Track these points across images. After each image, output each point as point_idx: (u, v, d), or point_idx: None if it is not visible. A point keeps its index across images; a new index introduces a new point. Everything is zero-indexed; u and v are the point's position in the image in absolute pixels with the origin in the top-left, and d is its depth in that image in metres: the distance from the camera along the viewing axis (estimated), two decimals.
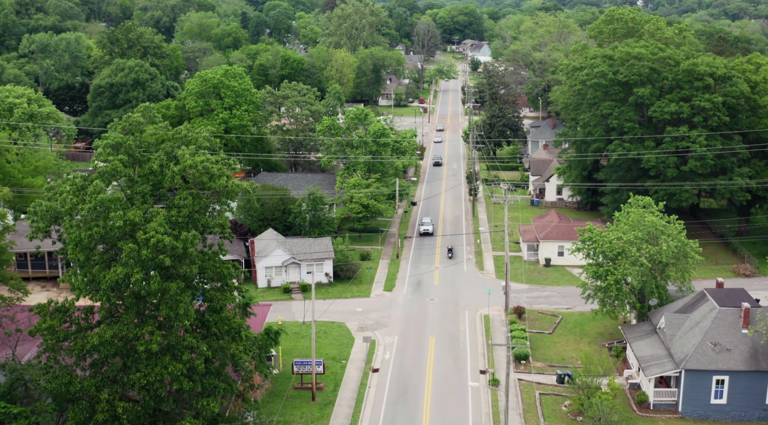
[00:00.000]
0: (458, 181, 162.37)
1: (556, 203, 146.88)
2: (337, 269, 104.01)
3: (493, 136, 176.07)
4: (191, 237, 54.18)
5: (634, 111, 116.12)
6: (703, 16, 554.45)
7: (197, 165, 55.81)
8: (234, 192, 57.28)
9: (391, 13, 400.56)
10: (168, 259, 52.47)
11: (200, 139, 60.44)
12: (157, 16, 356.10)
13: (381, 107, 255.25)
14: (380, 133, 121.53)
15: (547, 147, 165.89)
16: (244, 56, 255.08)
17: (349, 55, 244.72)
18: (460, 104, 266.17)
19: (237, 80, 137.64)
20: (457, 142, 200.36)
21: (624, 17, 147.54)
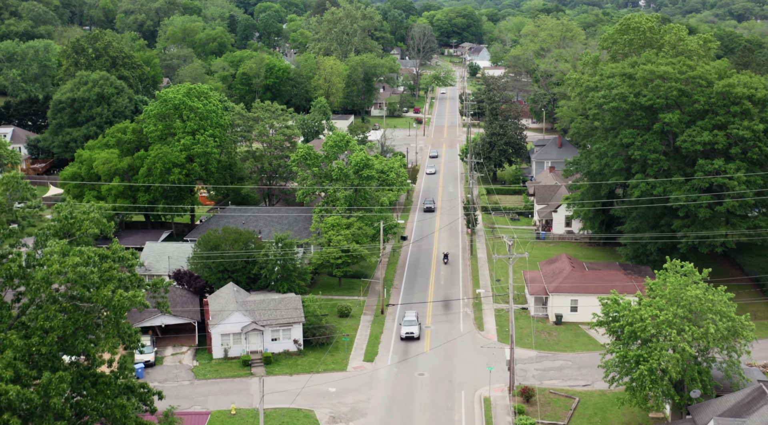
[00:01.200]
0: (455, 208, 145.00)
1: (564, 237, 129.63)
2: (309, 334, 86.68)
3: (493, 156, 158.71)
4: (57, 381, 36.66)
5: (660, 140, 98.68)
6: (708, 17, 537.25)
7: (70, 270, 38.23)
8: (124, 307, 39.68)
9: (386, 16, 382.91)
10: (16, 421, 34.98)
11: (86, 224, 42.66)
12: (141, 20, 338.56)
13: (373, 118, 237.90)
14: (363, 164, 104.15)
15: (553, 169, 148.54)
16: (226, 64, 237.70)
17: (338, 64, 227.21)
18: (458, 114, 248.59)
19: (202, 100, 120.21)
20: (454, 160, 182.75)
21: (641, 26, 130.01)
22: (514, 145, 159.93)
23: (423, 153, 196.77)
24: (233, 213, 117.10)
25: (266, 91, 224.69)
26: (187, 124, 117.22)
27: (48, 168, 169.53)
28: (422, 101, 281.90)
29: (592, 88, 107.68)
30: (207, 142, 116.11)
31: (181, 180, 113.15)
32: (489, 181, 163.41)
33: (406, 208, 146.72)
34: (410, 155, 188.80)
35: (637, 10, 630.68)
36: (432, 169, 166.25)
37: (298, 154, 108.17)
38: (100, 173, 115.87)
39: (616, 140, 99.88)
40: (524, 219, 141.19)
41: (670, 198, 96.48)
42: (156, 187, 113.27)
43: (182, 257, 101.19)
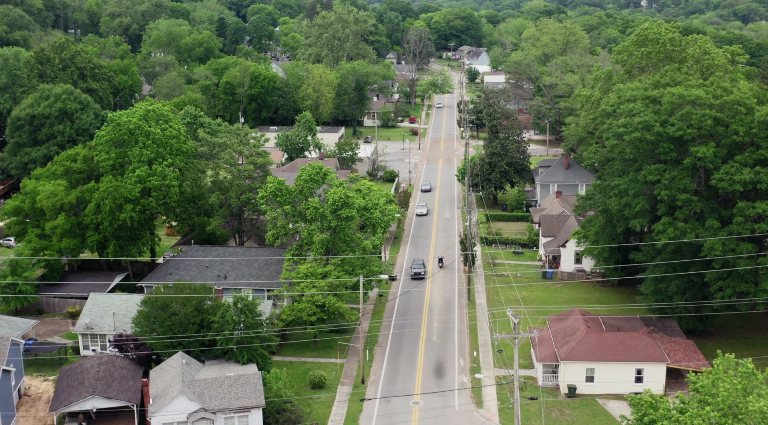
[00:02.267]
0: (450, 239, 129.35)
1: (574, 275, 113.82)
2: (271, 419, 70.99)
3: (493, 178, 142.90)
4: None
5: (691, 177, 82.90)
6: (712, 18, 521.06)
7: None
8: None
9: (381, 18, 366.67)
10: None
11: None
12: (126, 23, 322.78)
13: (365, 129, 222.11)
14: (342, 202, 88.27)
15: (560, 194, 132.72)
16: (209, 72, 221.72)
17: (328, 72, 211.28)
18: (456, 125, 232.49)
19: (161, 124, 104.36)
20: (450, 180, 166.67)
21: (660, 38, 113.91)
22: (516, 166, 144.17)
23: (418, 169, 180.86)
24: (195, 255, 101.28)
25: (251, 101, 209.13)
26: (143, 152, 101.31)
27: (6, 191, 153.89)
28: (418, 109, 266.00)
29: (609, 113, 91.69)
30: (165, 174, 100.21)
31: (134, 218, 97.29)
32: (488, 204, 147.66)
33: (396, 237, 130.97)
34: (404, 171, 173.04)
35: (639, 11, 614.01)
36: (424, 209, 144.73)
37: (267, 190, 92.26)
38: (44, 208, 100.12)
39: (639, 176, 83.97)
40: (528, 252, 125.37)
41: (703, 246, 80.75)
42: (105, 226, 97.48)
43: (130, 312, 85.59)
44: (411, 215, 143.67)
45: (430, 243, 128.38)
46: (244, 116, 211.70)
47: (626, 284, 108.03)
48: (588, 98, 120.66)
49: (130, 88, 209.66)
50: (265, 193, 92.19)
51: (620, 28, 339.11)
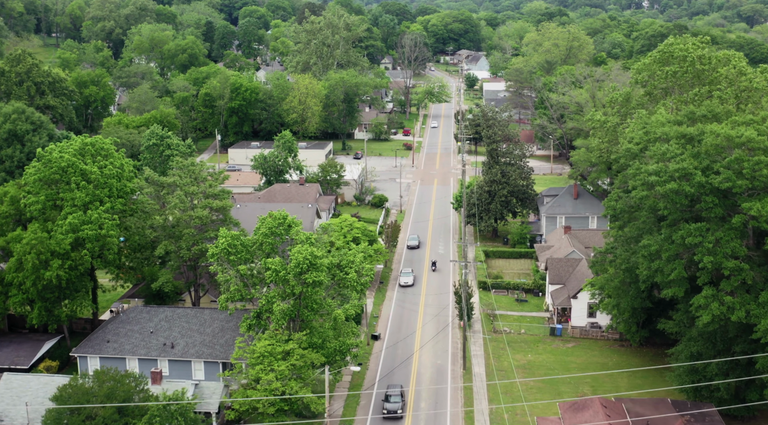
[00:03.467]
0: (445, 283, 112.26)
1: (587, 332, 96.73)
2: None
3: (493, 209, 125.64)
4: None
5: (741, 240, 65.63)
6: (716, 20, 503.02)
7: None
8: None
9: (377, 21, 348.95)
10: None
11: None
12: (109, 28, 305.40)
13: (356, 143, 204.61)
14: (308, 264, 70.96)
15: (569, 230, 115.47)
16: (188, 84, 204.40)
17: (314, 83, 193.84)
18: (453, 138, 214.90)
19: (99, 161, 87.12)
20: (445, 207, 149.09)
21: (688, 56, 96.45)
22: (519, 195, 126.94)
23: (411, 191, 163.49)
24: (139, 317, 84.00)
25: (232, 114, 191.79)
26: (77, 194, 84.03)
27: None
28: (414, 119, 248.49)
29: (635, 154, 74.29)
30: (102, 221, 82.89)
31: (61, 277, 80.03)
32: (487, 236, 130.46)
33: (382, 281, 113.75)
34: (395, 193, 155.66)
35: (641, 12, 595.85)
36: (415, 241, 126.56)
37: (218, 246, 74.87)
38: None
39: (675, 236, 66.64)
40: (533, 299, 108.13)
41: (756, 327, 63.64)
42: (28, 286, 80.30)
43: (47, 401, 68.53)
44: (401, 249, 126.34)
45: (420, 290, 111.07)
46: (225, 130, 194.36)
47: (650, 344, 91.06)
48: (603, 124, 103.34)
49: (102, 100, 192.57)
50: (215, 249, 74.81)
51: (625, 31, 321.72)
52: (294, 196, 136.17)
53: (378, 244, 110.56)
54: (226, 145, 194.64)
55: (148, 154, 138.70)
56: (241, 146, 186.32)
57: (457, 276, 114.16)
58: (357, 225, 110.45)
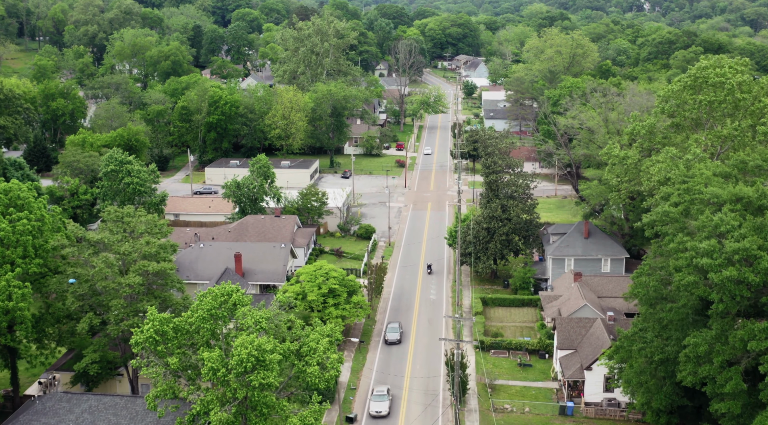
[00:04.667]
0: (435, 333, 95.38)
1: (604, 410, 79.95)
2: None
3: (492, 249, 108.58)
4: None
5: None
6: (719, 23, 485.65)
7: None
8: None
9: (372, 26, 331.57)
10: None
11: None
12: (92, 32, 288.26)
13: (345, 159, 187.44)
14: (255, 361, 53.97)
15: (580, 278, 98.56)
16: (163, 96, 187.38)
17: (299, 96, 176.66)
18: (449, 155, 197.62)
19: (12, 214, 70.00)
20: (439, 238, 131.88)
21: (726, 81, 79.27)
22: (521, 232, 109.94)
23: (402, 217, 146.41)
24: (59, 406, 67.00)
25: (209, 129, 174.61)
26: None
27: None
28: (408, 131, 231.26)
29: (674, 218, 57.19)
30: (11, 291, 65.85)
31: None
32: (486, 277, 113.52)
33: (362, 340, 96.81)
34: (384, 220, 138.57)
35: (642, 15, 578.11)
36: (395, 332, 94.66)
37: (143, 334, 57.73)
38: None
39: (733, 337, 49.67)
40: (539, 362, 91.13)
41: None
42: None
43: None
44: (387, 294, 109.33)
45: (407, 349, 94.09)
46: (203, 146, 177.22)
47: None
48: (623, 160, 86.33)
49: (72, 114, 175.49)
50: (139, 338, 57.67)
51: (630, 37, 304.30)
52: (268, 230, 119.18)
53: (359, 297, 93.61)
54: (204, 162, 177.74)
55: (106, 182, 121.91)
56: (219, 164, 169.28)
57: (451, 331, 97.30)
58: (334, 274, 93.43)
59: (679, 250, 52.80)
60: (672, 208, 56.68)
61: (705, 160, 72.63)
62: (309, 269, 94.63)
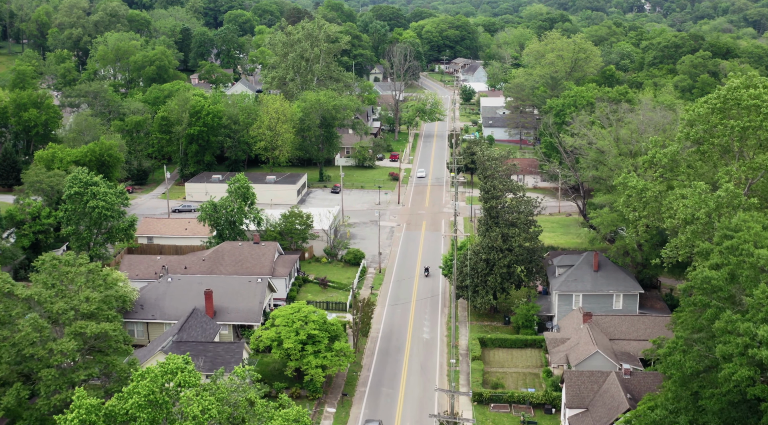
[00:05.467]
0: (431, 376, 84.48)
1: None
2: None
3: (492, 283, 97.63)
4: None
5: None
6: (722, 24, 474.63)
7: None
8: None
9: (367, 28, 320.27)
10: None
11: None
12: (77, 35, 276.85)
13: (335, 171, 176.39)
14: None
15: (590, 319, 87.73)
16: (143, 106, 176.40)
17: (287, 106, 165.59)
18: (446, 167, 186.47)
19: None
20: (433, 265, 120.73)
21: (762, 104, 68.20)
22: (524, 263, 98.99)
23: (394, 239, 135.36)
24: None
25: (191, 141, 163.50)
26: None
27: None
28: (404, 139, 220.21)
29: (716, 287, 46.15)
30: None
31: None
32: (485, 312, 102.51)
33: (346, 393, 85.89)
34: (375, 242, 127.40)
35: (644, 16, 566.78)
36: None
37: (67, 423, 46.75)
38: None
39: None
40: (545, 419, 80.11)
41: None
42: None
43: None
44: (375, 334, 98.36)
45: (398, 398, 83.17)
46: (184, 159, 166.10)
47: None
48: (641, 193, 75.38)
49: (45, 124, 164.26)
50: None
51: (633, 40, 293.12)
52: (246, 259, 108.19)
53: (342, 343, 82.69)
54: (186, 175, 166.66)
55: (70, 205, 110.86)
56: (201, 179, 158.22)
57: (446, 380, 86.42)
58: (313, 317, 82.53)
59: (727, 332, 41.89)
60: (714, 272, 45.76)
61: (739, 197, 61.70)
62: (286, 311, 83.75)
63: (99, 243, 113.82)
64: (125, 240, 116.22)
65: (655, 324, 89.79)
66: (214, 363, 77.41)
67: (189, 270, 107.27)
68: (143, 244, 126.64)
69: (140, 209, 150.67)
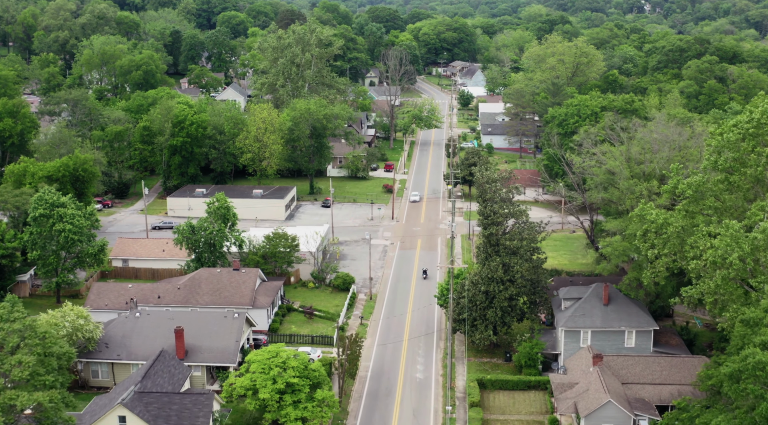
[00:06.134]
0: None
1: None
2: None
3: (491, 317, 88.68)
4: None
5: None
6: (724, 26, 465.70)
7: None
8: None
9: (362, 31, 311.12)
10: None
11: None
12: (63, 38, 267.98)
13: (326, 182, 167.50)
14: None
15: (600, 361, 78.83)
16: (124, 115, 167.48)
17: (274, 115, 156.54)
18: (443, 178, 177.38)
19: None
20: (428, 293, 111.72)
21: None
22: (527, 295, 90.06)
23: (386, 261, 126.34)
24: None
25: (174, 153, 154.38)
26: None
27: None
28: (399, 147, 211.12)
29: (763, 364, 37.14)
30: None
31: None
32: (483, 348, 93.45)
33: None
34: (364, 265, 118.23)
35: (644, 17, 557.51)
36: None
37: None
38: None
39: None
40: None
41: None
42: None
43: None
44: (364, 374, 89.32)
45: None
46: (167, 171, 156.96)
47: None
48: (661, 228, 66.43)
49: (20, 134, 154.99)
50: None
51: (636, 43, 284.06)
52: (225, 287, 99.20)
53: (325, 391, 73.63)
54: (169, 188, 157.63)
55: (35, 228, 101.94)
56: (183, 193, 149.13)
57: None
58: (293, 362, 73.50)
59: None
60: (765, 353, 36.76)
61: None
62: (262, 356, 74.68)
63: (67, 268, 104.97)
64: (95, 265, 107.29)
65: (672, 365, 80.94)
66: (180, 418, 68.42)
67: (163, 299, 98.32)
68: (117, 267, 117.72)
69: (119, 225, 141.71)
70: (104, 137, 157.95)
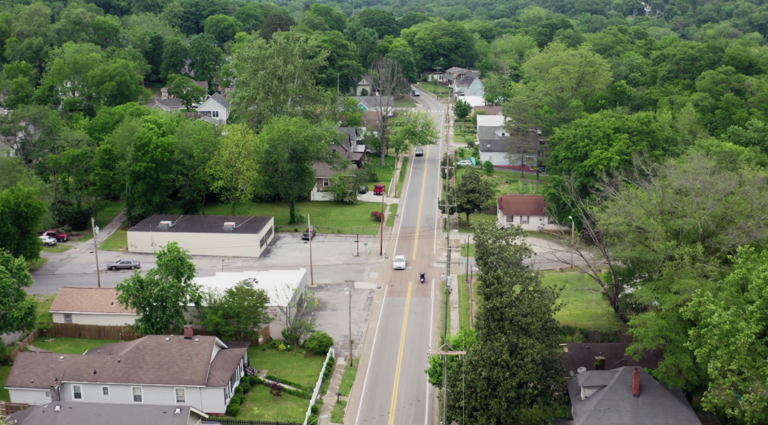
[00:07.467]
0: None
1: None
2: None
3: (495, 407, 70.76)
4: None
5: None
6: (728, 28, 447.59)
7: None
8: None
9: (354, 36, 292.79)
10: None
11: None
12: (37, 45, 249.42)
13: (310, 207, 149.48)
14: None
15: None
16: (85, 136, 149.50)
17: (250, 137, 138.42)
18: (438, 202, 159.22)
19: None
20: (420, 368, 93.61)
21: None
22: (539, 381, 72.23)
23: (372, 311, 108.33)
24: None
25: (137, 179, 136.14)
26: None
27: None
28: (391, 165, 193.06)
29: None
30: None
31: None
32: None
33: None
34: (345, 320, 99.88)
35: (645, 19, 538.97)
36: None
37: None
38: None
39: None
40: None
41: None
42: None
43: None
44: None
45: None
46: (131, 199, 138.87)
47: None
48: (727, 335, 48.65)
49: None
50: None
51: (642, 50, 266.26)
52: (174, 360, 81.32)
53: None
54: (134, 218, 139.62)
55: None
56: (146, 226, 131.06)
57: None
58: None
59: None
60: None
61: None
62: None
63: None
64: (24, 329, 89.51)
65: None
66: None
67: (99, 375, 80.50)
68: (58, 324, 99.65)
69: (71, 265, 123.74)
70: (61, 161, 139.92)
